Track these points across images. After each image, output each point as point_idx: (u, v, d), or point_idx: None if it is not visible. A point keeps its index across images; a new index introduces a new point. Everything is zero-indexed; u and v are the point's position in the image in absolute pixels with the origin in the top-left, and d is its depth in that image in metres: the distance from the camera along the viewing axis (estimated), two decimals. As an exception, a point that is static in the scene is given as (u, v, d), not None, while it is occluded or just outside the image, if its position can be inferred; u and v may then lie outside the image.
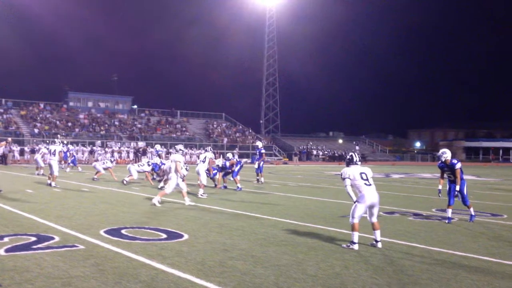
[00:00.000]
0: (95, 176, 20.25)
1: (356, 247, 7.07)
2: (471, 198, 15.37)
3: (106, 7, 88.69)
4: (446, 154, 10.36)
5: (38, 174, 22.69)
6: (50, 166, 17.12)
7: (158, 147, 21.29)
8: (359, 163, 7.84)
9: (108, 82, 77.66)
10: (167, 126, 59.44)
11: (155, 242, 7.19)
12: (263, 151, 20.85)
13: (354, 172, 7.61)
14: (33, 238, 7.22)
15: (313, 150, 63.34)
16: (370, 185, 7.65)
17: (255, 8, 70.22)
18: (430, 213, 11.32)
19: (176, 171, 12.17)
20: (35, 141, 44.27)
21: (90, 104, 60.73)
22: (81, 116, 55.58)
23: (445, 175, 10.49)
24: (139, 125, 57.28)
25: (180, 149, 13.16)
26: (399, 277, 5.57)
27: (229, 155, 18.49)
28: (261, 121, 72.35)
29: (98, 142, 47.29)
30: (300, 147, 62.35)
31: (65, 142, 45.08)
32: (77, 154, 42.62)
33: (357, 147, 69.17)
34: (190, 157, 47.78)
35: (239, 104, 75.88)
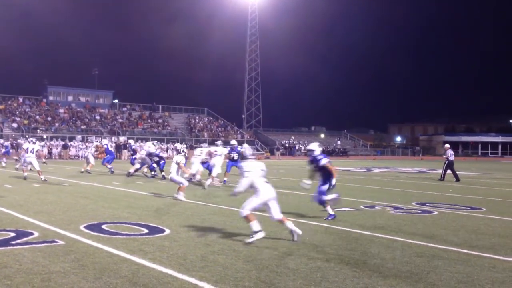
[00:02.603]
0: (88, 168, 20.33)
1: (260, 234, 7.00)
2: (450, 192, 15.63)
3: (89, 1, 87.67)
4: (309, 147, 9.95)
5: (16, 169, 22.39)
6: (30, 163, 17.04)
7: (131, 142, 21.46)
8: (253, 157, 7.70)
9: (89, 76, 76.73)
10: (149, 120, 59.05)
11: (136, 237, 7.14)
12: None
13: (255, 167, 7.45)
14: (12, 234, 7.12)
15: (296, 145, 63.54)
16: (267, 182, 7.55)
17: (237, 3, 70.05)
18: (410, 207, 11.44)
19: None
20: (13, 135, 43.62)
21: (70, 98, 60.01)
22: (61, 110, 54.93)
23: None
24: (120, 120, 56.79)
25: (183, 150, 13.03)
26: (380, 270, 5.62)
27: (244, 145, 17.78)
28: (243, 116, 72.32)
29: (79, 137, 46.82)
30: (283, 142, 62.49)
31: (44, 136, 44.62)
32: (57, 149, 42.25)
33: (338, 142, 69.61)
34: (172, 151, 47.58)
35: (221, 99, 75.84)
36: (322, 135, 74.92)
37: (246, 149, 7.93)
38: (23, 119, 49.71)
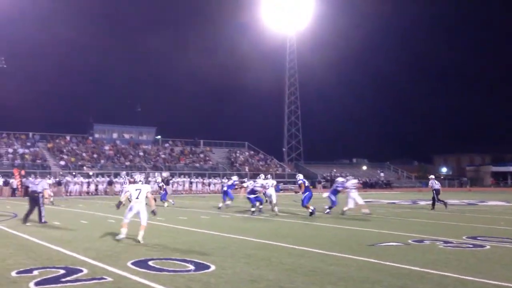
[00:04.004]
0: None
1: (120, 237, 10.74)
2: (502, 225, 15.03)
3: (128, 40, 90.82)
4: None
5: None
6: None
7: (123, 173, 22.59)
8: (140, 182, 11.24)
9: (132, 113, 78.83)
10: (191, 155, 59.81)
11: (182, 274, 7.15)
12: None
13: (132, 188, 11.01)
14: (62, 271, 7.25)
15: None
16: (137, 198, 10.84)
17: (275, 36, 70.87)
18: (461, 241, 11.04)
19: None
20: (61, 172, 44.92)
21: (114, 135, 61.56)
22: (106, 147, 56.36)
23: None
24: (163, 155, 57.76)
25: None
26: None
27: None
28: (283, 149, 72.26)
29: (123, 173, 47.77)
30: (324, 174, 61.96)
31: (90, 173, 45.77)
32: (103, 185, 43.20)
33: (382, 174, 68.43)
34: (214, 185, 48.03)
35: (261, 132, 76.03)
36: (364, 167, 73.91)
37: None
38: (70, 156, 51.24)
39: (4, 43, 68.29)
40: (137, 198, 10.85)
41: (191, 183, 48.37)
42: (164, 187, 24.12)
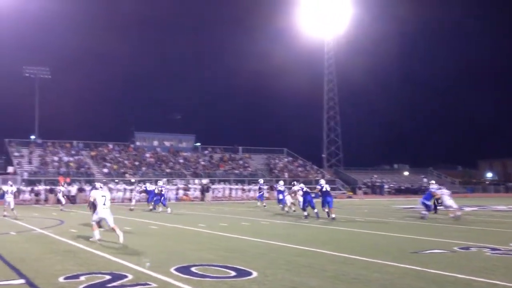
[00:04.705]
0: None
1: (94, 239, 11.75)
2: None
3: (166, 48, 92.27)
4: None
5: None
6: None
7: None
8: (101, 188, 12.68)
9: (172, 120, 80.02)
10: (230, 162, 60.17)
11: (225, 280, 7.19)
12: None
13: (97, 194, 12.12)
14: (108, 277, 7.41)
15: (378, 183, 61.94)
16: (104, 204, 11.85)
17: (312, 41, 70.57)
18: (509, 248, 10.70)
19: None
20: (104, 180, 45.97)
21: (155, 143, 62.57)
22: (147, 155, 57.35)
23: None
24: (202, 162, 58.34)
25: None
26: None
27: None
28: (323, 155, 71.80)
29: (164, 180, 48.45)
30: (364, 180, 61.21)
31: (132, 180, 46.63)
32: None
33: (425, 179, 66.95)
34: (254, 192, 48.06)
35: (300, 138, 75.68)
36: (406, 173, 72.58)
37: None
38: (113, 164, 52.38)
39: (49, 54, 70.56)
40: (104, 204, 12.04)
41: (230, 189, 48.63)
42: (163, 192, 24.62)
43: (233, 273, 7.70)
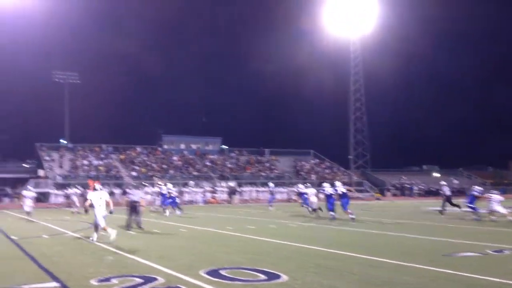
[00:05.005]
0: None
1: (93, 240, 12.52)
2: None
3: (193, 50, 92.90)
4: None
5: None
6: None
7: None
8: (99, 189, 12.98)
9: (198, 123, 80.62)
10: (256, 165, 60.27)
11: (254, 283, 7.21)
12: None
13: (95, 196, 12.67)
14: (139, 280, 7.51)
15: (407, 185, 61.16)
16: (100, 206, 12.47)
17: (338, 41, 70.01)
18: (544, 251, 10.44)
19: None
20: (133, 183, 46.56)
21: (182, 146, 63.08)
22: (175, 158, 57.87)
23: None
24: (229, 165, 58.58)
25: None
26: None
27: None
28: (350, 157, 71.24)
29: (191, 183, 48.82)
30: (393, 182, 60.51)
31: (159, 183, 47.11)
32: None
33: (455, 181, 65.87)
34: (280, 194, 48.06)
35: (326, 140, 75.12)
36: (435, 174, 71.45)
37: None
38: (141, 167, 53.03)
39: (78, 59, 71.94)
40: (100, 205, 12.68)
41: (257, 192, 48.72)
42: (173, 194, 24.83)
43: (262, 276, 7.71)
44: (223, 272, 8.05)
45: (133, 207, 16.44)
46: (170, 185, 26.41)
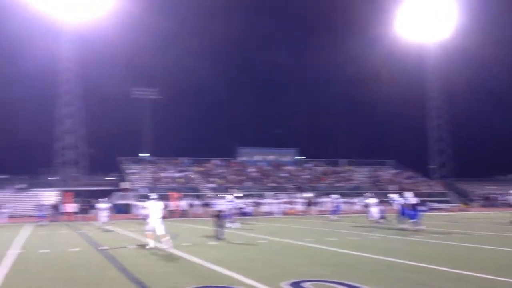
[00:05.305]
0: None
1: (150, 246, 13.82)
2: None
3: (264, 62, 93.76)
4: None
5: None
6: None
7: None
8: (154, 199, 14.16)
9: (273, 135, 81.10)
10: (333, 175, 59.61)
11: (337, 296, 7.10)
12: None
13: (150, 204, 14.04)
14: (222, 290, 7.61)
15: (494, 195, 58.02)
16: (155, 214, 13.85)
17: (415, 46, 67.93)
18: None
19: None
20: (209, 195, 47.52)
21: (258, 157, 63.66)
22: (251, 169, 58.50)
23: None
24: (305, 176, 58.36)
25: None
26: None
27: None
28: (431, 166, 68.67)
29: (269, 194, 49.06)
30: (477, 192, 57.65)
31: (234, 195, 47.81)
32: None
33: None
34: (358, 205, 47.14)
35: (406, 149, 72.76)
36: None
37: None
38: (218, 179, 54.05)
39: (158, 76, 74.83)
40: (155, 214, 13.96)
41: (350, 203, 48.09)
42: (242, 208, 24.50)
43: (345, 290, 7.57)
44: (304, 285, 7.99)
45: (219, 217, 17.25)
46: (230, 197, 26.03)
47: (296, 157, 65.10)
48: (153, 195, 14.85)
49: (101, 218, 25.04)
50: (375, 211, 23.11)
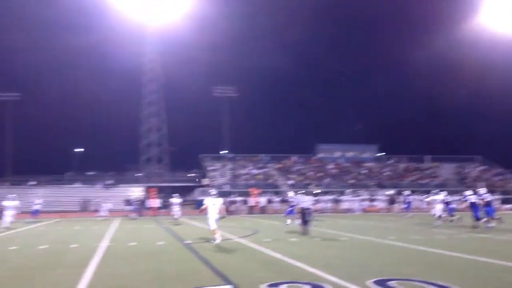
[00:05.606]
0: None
1: (216, 242, 13.51)
2: None
3: (347, 59, 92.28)
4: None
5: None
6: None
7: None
8: (214, 196, 14.16)
9: (353, 131, 79.83)
10: (416, 172, 57.70)
11: (427, 296, 6.85)
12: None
13: (209, 201, 13.97)
14: (307, 287, 7.58)
15: None
16: (213, 210, 13.73)
17: (497, 38, 64.13)
18: None
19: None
20: (287, 192, 47.57)
21: (337, 154, 62.89)
22: (330, 166, 57.91)
23: None
24: (386, 173, 56.93)
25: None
26: None
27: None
28: (523, 162, 64.56)
29: (348, 191, 48.40)
30: None
31: (314, 192, 47.51)
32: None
33: None
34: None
35: (497, 144, 68.90)
36: None
37: None
38: (297, 176, 53.99)
39: (236, 74, 75.86)
40: (213, 210, 13.86)
41: (420, 201, 46.57)
42: (294, 204, 23.66)
43: (434, 289, 7.29)
44: (391, 283, 7.78)
45: (304, 214, 17.36)
46: (291, 193, 26.25)
47: (377, 153, 63.67)
48: (213, 191, 15.04)
49: (174, 213, 26.80)
50: (439, 208, 22.06)
